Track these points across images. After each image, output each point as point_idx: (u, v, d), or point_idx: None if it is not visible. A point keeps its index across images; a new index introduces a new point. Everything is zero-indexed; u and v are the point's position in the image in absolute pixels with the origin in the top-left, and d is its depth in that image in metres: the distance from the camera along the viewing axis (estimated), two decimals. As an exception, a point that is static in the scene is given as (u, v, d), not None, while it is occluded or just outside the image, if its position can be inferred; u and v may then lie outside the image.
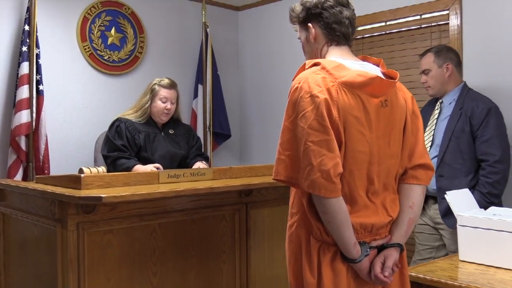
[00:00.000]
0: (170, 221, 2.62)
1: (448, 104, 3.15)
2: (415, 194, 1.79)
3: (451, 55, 3.17)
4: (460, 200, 2.34)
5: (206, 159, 3.56)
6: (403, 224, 1.76)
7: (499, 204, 2.89)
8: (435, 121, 3.15)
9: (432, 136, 3.12)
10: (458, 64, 3.20)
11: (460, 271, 2.08)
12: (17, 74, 3.93)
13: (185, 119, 4.34)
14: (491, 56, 3.55)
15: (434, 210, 3.11)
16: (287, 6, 1.92)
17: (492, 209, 2.33)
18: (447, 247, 3.08)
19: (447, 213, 2.96)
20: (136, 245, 2.50)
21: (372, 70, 1.75)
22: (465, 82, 3.19)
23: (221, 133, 5.10)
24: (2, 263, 2.83)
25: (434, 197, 3.10)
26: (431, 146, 3.11)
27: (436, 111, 3.18)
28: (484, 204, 2.74)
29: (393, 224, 1.77)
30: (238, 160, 5.49)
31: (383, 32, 4.23)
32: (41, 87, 3.97)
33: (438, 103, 3.20)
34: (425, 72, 3.20)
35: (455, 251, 2.82)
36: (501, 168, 2.92)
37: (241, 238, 2.89)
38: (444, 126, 3.10)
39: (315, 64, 1.71)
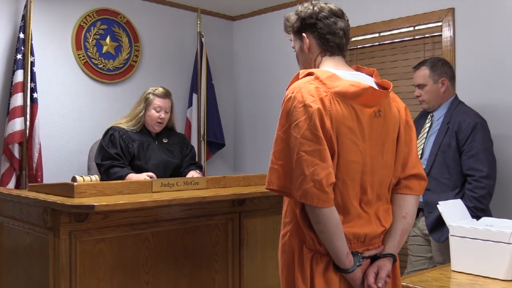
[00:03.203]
0: (162, 230, 2.61)
1: (438, 119, 3.14)
2: (408, 204, 1.80)
3: (446, 69, 3.14)
4: (452, 211, 2.35)
5: (200, 168, 3.56)
6: (396, 234, 1.76)
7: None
8: (425, 135, 3.15)
9: (421, 150, 3.12)
10: (452, 77, 3.18)
11: (452, 281, 2.09)
12: (11, 81, 3.93)
13: (180, 128, 4.34)
14: (484, 68, 3.58)
15: (422, 222, 3.11)
16: (282, 17, 1.94)
17: (484, 219, 2.33)
18: (434, 259, 3.08)
19: (434, 228, 2.97)
20: (128, 254, 2.49)
21: (366, 80, 1.76)
22: (456, 95, 3.19)
23: (215, 142, 5.11)
24: (-7, 271, 2.81)
25: (422, 209, 3.10)
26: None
27: (427, 125, 3.18)
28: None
29: (386, 234, 1.76)
30: (232, 169, 5.49)
31: (377, 43, 4.26)
32: (35, 95, 3.97)
33: (429, 116, 3.19)
34: (419, 86, 3.16)
35: (443, 263, 2.83)
36: (487, 184, 2.92)
37: (234, 248, 2.89)
38: (433, 140, 3.10)
39: (309, 74, 1.72)
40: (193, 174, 3.37)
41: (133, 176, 3.14)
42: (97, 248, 2.39)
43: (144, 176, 3.11)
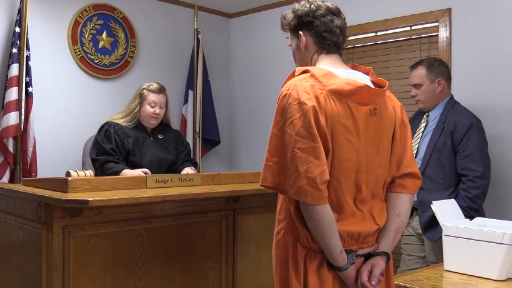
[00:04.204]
0: (156, 226, 2.61)
1: (433, 118, 3.15)
2: (402, 203, 1.80)
3: (442, 69, 3.15)
4: (446, 210, 2.35)
5: (194, 164, 3.55)
6: (390, 233, 1.77)
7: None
8: (420, 134, 3.16)
9: (416, 149, 3.13)
10: (449, 78, 3.19)
11: (445, 280, 2.09)
12: (7, 75, 3.92)
13: (175, 124, 4.33)
14: (479, 69, 3.59)
15: (416, 221, 3.12)
16: (278, 15, 1.93)
17: (478, 219, 2.34)
18: (427, 258, 3.09)
19: (428, 227, 2.98)
20: (122, 249, 2.49)
21: (362, 78, 1.76)
22: (451, 95, 3.20)
23: (210, 139, 5.11)
24: (-14, 265, 2.80)
25: (416, 208, 3.11)
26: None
27: (423, 124, 3.19)
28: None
29: (380, 233, 1.77)
30: (227, 167, 5.49)
31: (374, 42, 4.26)
32: (30, 89, 3.96)
33: (425, 116, 3.20)
34: (416, 86, 3.17)
35: (436, 262, 2.84)
36: (481, 184, 2.93)
37: (227, 245, 2.88)
38: (428, 139, 3.10)
39: (305, 72, 1.72)
40: (188, 170, 3.37)
41: (127, 172, 3.13)
42: (90, 243, 2.38)
43: (138, 172, 3.11)
